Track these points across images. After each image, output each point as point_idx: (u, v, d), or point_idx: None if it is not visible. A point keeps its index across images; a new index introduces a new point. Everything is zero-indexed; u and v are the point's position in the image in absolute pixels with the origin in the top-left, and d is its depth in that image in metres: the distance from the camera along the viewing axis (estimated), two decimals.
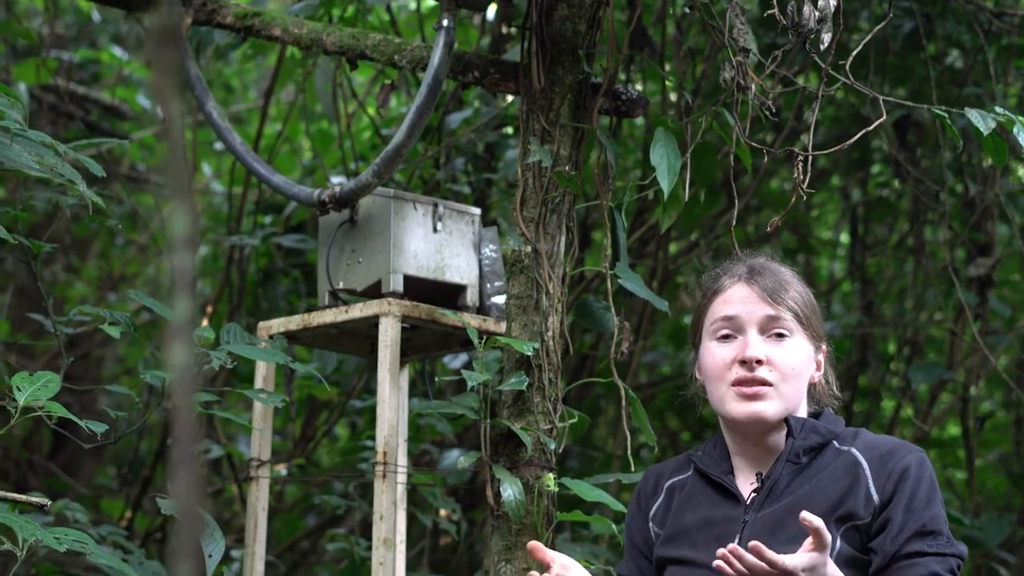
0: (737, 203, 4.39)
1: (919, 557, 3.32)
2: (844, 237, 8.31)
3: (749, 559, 3.15)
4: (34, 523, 3.66)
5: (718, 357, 3.49)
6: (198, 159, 7.12)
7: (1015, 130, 4.02)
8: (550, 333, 4.34)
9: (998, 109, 4.08)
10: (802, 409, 3.54)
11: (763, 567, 3.15)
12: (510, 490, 4.22)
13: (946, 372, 6.74)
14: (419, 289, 4.51)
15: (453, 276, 4.58)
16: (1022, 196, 6.87)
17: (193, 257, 1.55)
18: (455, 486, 6.12)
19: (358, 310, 4.44)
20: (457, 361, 6.13)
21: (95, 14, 7.89)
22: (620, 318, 4.44)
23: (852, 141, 4.00)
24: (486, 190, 6.28)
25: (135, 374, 7.68)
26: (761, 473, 3.50)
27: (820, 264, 8.52)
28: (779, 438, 3.50)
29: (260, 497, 4.62)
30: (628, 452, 4.39)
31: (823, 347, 3.59)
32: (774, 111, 4.28)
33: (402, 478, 4.43)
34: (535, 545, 3.50)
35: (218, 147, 8.19)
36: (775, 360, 3.46)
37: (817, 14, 3.95)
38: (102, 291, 8.39)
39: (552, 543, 4.35)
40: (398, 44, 4.58)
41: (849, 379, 7.35)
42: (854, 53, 4.25)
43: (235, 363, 4.17)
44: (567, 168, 4.33)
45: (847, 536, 3.36)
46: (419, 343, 4.71)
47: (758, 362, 3.44)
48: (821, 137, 6.94)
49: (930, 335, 7.85)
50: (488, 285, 4.62)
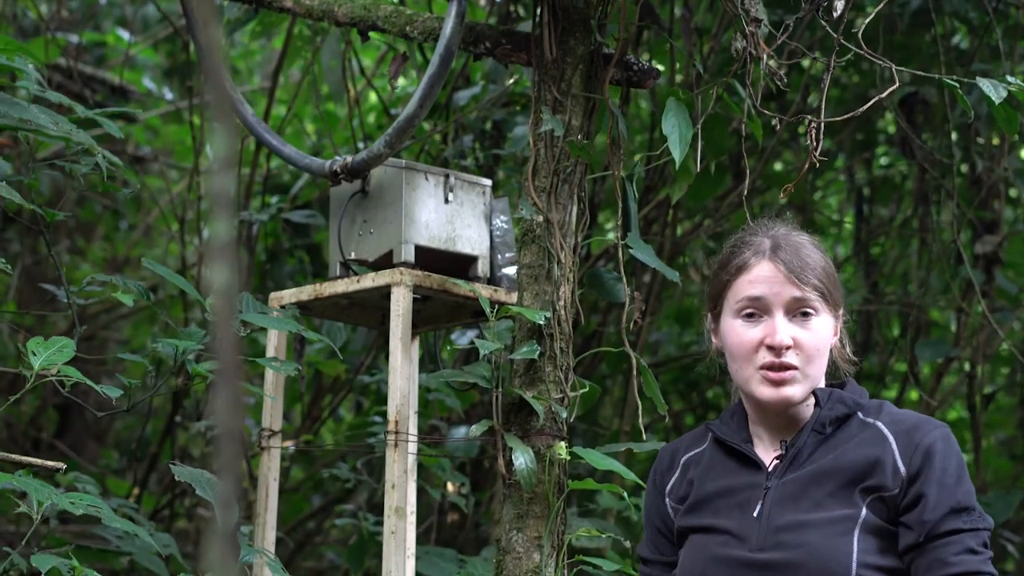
0: (748, 175, 4.41)
1: (955, 535, 3.34)
2: (848, 224, 8.31)
3: None
4: (49, 486, 3.67)
5: (744, 338, 3.48)
6: (203, 142, 7.10)
7: None
8: (561, 303, 4.35)
9: (1009, 78, 4.08)
10: (821, 381, 3.55)
11: None
12: (522, 458, 4.23)
13: (953, 349, 6.75)
14: (430, 260, 4.51)
15: (464, 247, 4.59)
16: None
17: (233, 178, 1.56)
18: (462, 462, 6.13)
19: (370, 280, 4.44)
20: (464, 339, 6.14)
21: None
22: (632, 288, 4.45)
23: (866, 107, 4.01)
24: (493, 167, 6.28)
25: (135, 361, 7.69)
26: (785, 441, 3.50)
27: (825, 245, 8.51)
28: (802, 409, 3.51)
29: (272, 468, 4.63)
30: (639, 420, 4.39)
31: (840, 312, 3.59)
32: (785, 82, 4.29)
33: (413, 448, 4.44)
34: None
35: None
36: (802, 342, 3.45)
37: None
38: (108, 272, 8.39)
39: (563, 512, 4.36)
40: (410, 16, 4.59)
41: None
42: (866, 22, 4.26)
43: (248, 332, 4.18)
44: (579, 138, 4.33)
45: (873, 506, 3.37)
46: (429, 315, 4.72)
47: (786, 348, 3.44)
48: (827, 117, 6.92)
49: (935, 319, 7.86)
50: (499, 256, 4.63)
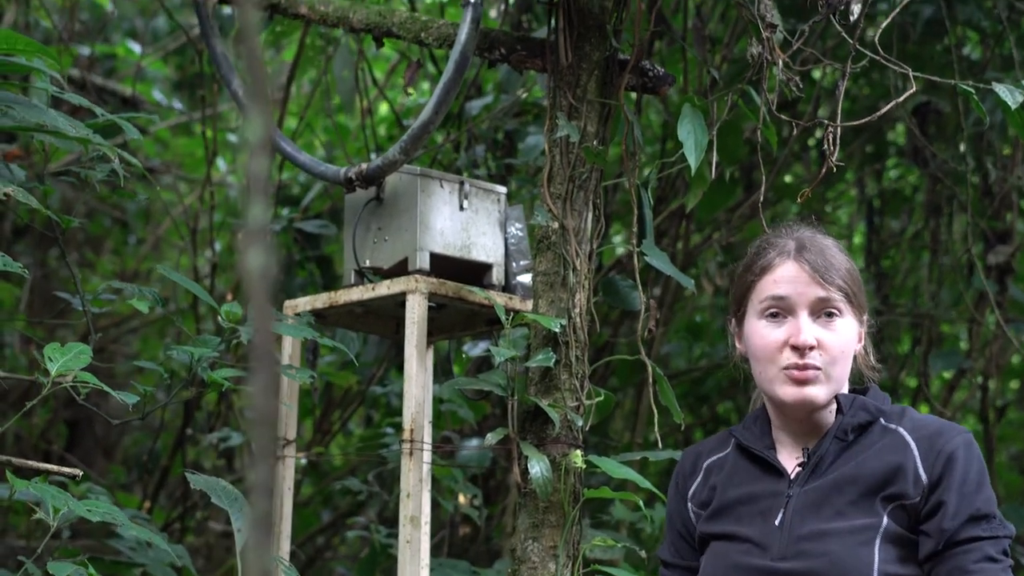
0: (763, 182, 4.39)
1: (975, 542, 3.32)
2: (858, 238, 8.31)
3: None
4: (66, 494, 3.65)
5: (768, 339, 3.47)
6: (216, 152, 7.09)
7: None
8: (577, 310, 4.33)
9: None
10: (844, 386, 3.53)
11: None
12: (537, 467, 4.21)
13: (965, 361, 6.73)
14: (445, 268, 4.50)
15: (479, 254, 4.57)
16: None
17: (269, 162, 1.55)
18: (474, 474, 6.12)
19: (385, 287, 4.43)
20: (477, 350, 6.13)
21: (111, 7, 7.89)
22: (647, 295, 4.44)
23: (884, 111, 4.00)
24: (506, 177, 6.28)
25: (148, 372, 7.70)
26: (807, 448, 3.48)
27: None
28: (824, 415, 3.49)
29: (286, 476, 4.61)
30: (656, 429, 4.38)
31: (865, 318, 3.58)
32: (800, 87, 4.28)
33: (428, 457, 4.42)
34: None
35: (232, 139, 8.19)
36: (826, 343, 3.44)
37: None
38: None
39: (578, 521, 4.34)
40: (425, 22, 4.58)
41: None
42: (880, 29, 4.25)
43: None
44: (595, 144, 4.32)
45: (894, 515, 3.35)
46: (444, 323, 4.70)
47: (810, 348, 3.43)
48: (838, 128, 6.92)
49: (946, 332, 7.84)
50: (514, 264, 4.61)
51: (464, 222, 4.55)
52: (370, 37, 4.74)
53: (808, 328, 3.44)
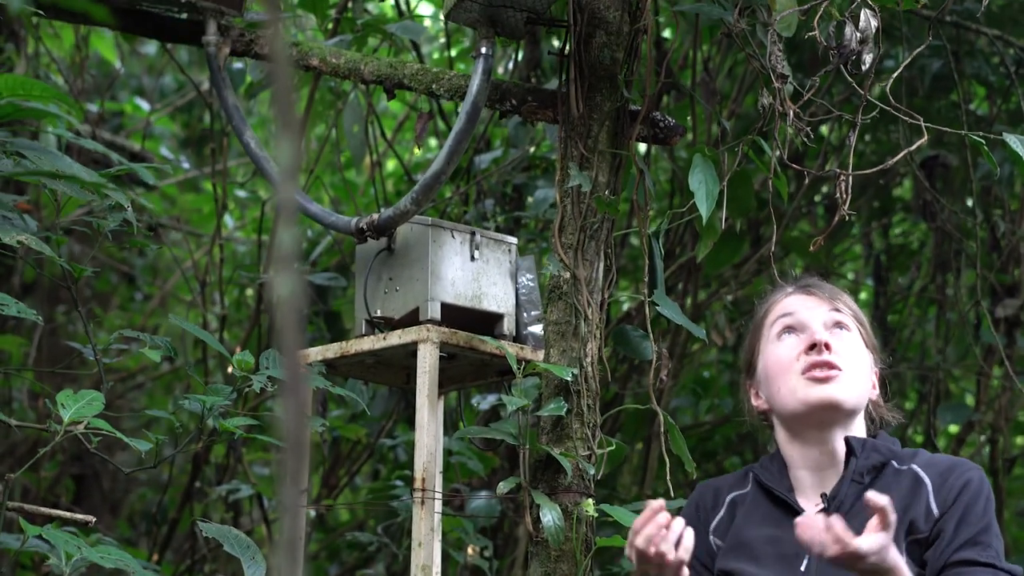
0: (774, 232, 4.41)
1: (969, 566, 3.30)
2: (864, 293, 8.32)
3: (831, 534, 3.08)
4: (79, 540, 3.65)
5: (783, 352, 3.50)
6: (225, 206, 7.11)
7: None
8: (588, 359, 4.34)
9: None
10: (860, 428, 3.53)
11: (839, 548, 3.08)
12: (549, 516, 4.21)
13: (974, 414, 6.73)
14: (456, 318, 4.50)
15: (490, 305, 4.58)
16: None
17: (297, 188, 1.57)
18: (484, 526, 6.10)
19: (396, 337, 4.43)
20: (486, 403, 6.13)
21: (118, 64, 7.93)
22: (659, 345, 4.44)
23: (895, 160, 4.02)
24: (515, 230, 6.29)
25: (153, 427, 7.71)
26: (826, 494, 3.48)
27: None
28: (837, 450, 3.49)
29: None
30: (667, 478, 4.37)
31: (877, 368, 3.59)
32: (811, 137, 4.30)
33: (439, 506, 4.41)
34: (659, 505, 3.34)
35: (240, 195, 8.21)
36: (840, 348, 3.47)
37: (858, 35, 3.97)
38: (125, 341, 8.38)
39: (590, 570, 4.33)
40: (436, 73, 4.61)
41: None
42: (890, 81, 4.27)
43: (274, 387, 4.17)
44: (606, 194, 4.34)
45: (909, 551, 3.34)
46: (454, 373, 4.71)
47: (827, 346, 3.45)
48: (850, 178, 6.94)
49: (952, 388, 7.84)
50: (524, 314, 4.62)
51: (475, 272, 4.55)
52: (380, 90, 4.76)
53: (823, 331, 3.48)
